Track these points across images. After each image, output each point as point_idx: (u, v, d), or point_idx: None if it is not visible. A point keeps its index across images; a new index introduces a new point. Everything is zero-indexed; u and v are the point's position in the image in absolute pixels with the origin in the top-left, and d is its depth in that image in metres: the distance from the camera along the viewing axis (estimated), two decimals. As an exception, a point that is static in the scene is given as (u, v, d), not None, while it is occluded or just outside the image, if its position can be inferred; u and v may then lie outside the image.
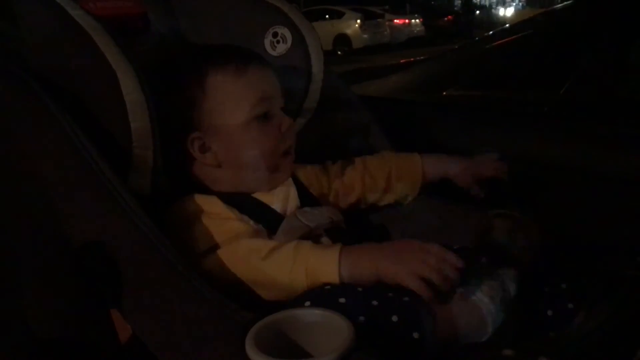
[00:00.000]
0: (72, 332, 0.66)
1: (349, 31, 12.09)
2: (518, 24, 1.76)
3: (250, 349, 0.51)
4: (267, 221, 0.80)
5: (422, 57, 2.24)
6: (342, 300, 0.62)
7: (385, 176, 0.96)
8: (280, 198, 0.84)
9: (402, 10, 15.28)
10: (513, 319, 0.71)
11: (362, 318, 0.60)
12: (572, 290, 0.74)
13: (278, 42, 0.94)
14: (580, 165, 1.12)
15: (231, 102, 0.80)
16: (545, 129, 1.24)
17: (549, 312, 0.73)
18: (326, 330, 0.55)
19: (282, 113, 0.84)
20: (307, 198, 0.89)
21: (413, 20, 14.50)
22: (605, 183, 1.06)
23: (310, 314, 0.58)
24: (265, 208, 0.83)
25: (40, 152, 0.65)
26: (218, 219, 0.77)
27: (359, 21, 12.15)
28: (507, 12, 25.72)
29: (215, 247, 0.74)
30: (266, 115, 0.81)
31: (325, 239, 0.81)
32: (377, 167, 0.97)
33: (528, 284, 0.73)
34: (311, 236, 0.79)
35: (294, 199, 0.86)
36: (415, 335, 0.61)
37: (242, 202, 0.81)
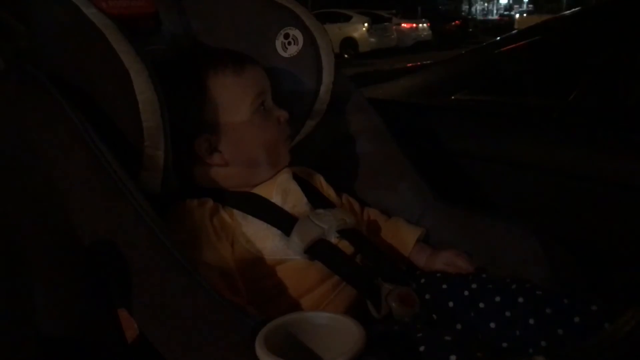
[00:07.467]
0: (78, 331, 0.65)
1: (356, 35, 12.09)
2: (526, 30, 1.74)
3: (260, 351, 0.51)
4: (274, 219, 0.81)
5: (428, 62, 2.23)
6: None
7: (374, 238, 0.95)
8: (280, 191, 0.85)
9: (412, 15, 15.24)
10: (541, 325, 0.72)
11: None
12: (592, 295, 0.74)
13: (289, 43, 0.94)
14: (589, 172, 1.11)
15: (234, 100, 0.82)
16: (553, 135, 1.23)
17: (576, 319, 0.71)
18: (336, 333, 0.54)
19: (276, 106, 0.87)
20: (317, 199, 0.90)
21: (420, 25, 14.49)
22: (617, 191, 1.05)
23: (320, 317, 0.57)
24: (269, 205, 0.83)
25: (51, 150, 0.65)
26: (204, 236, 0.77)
27: (366, 25, 12.15)
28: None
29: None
30: (264, 108, 0.85)
31: (337, 240, 0.82)
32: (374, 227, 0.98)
33: (550, 293, 0.74)
34: (324, 238, 0.80)
35: (295, 194, 0.86)
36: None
37: (245, 202, 0.82)
